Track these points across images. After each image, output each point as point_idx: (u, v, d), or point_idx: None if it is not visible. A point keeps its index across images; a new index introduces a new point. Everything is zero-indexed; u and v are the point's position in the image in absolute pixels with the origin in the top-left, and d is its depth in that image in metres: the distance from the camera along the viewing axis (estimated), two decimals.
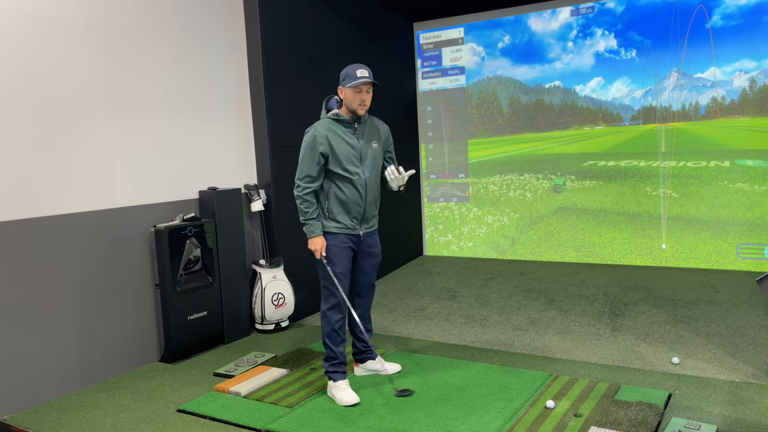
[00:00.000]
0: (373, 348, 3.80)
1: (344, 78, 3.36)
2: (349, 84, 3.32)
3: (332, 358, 3.48)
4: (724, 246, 5.93)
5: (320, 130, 3.37)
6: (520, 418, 3.10)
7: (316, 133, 3.36)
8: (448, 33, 7.14)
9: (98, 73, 3.93)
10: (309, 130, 3.41)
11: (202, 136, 4.63)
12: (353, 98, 3.34)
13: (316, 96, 5.46)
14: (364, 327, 3.65)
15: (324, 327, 3.49)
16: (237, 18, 4.91)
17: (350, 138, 3.40)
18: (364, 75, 3.32)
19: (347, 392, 3.41)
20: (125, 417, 3.38)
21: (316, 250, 3.38)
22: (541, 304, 5.15)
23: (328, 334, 3.48)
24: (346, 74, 3.36)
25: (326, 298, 3.47)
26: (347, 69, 3.38)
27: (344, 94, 3.37)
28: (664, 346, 4.03)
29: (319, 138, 3.34)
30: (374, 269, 3.65)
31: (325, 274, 3.42)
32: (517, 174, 6.93)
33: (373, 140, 3.50)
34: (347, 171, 3.38)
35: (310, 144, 3.35)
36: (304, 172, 3.36)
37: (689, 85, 5.97)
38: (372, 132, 3.51)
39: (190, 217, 4.35)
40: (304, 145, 3.38)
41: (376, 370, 3.78)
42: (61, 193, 3.74)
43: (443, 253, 7.41)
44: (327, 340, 3.48)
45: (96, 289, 3.91)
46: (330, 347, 3.47)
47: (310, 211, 3.37)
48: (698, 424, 2.90)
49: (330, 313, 3.46)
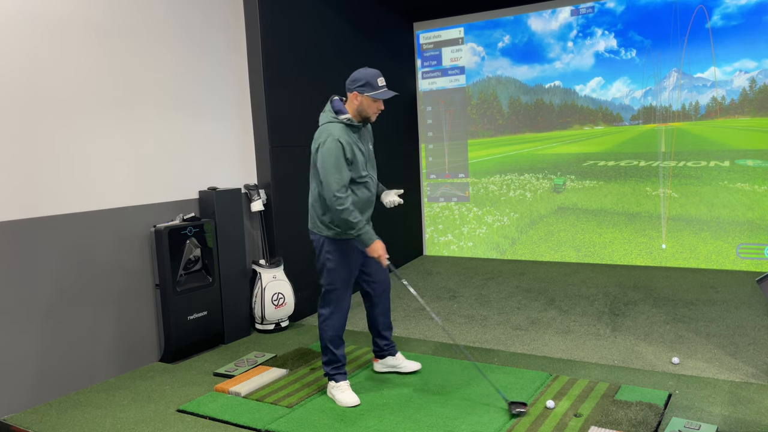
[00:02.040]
0: (394, 344, 3.80)
1: (363, 84, 3.21)
2: (369, 93, 3.22)
3: (334, 361, 3.45)
4: (724, 246, 5.93)
5: (342, 135, 3.21)
6: (520, 418, 3.10)
7: (340, 140, 3.19)
8: (448, 33, 7.14)
9: (98, 73, 3.93)
10: (326, 136, 3.22)
11: (203, 136, 4.63)
12: (370, 106, 3.26)
13: (315, 96, 5.48)
14: (385, 323, 3.67)
15: (326, 332, 3.42)
16: (237, 18, 4.91)
17: (361, 143, 3.33)
18: (384, 85, 3.26)
19: (348, 393, 3.40)
20: (125, 417, 3.38)
21: (381, 256, 3.26)
22: (541, 304, 5.15)
23: (330, 338, 3.42)
24: (365, 81, 3.22)
25: (329, 302, 3.41)
26: (365, 75, 3.23)
27: (359, 100, 3.24)
28: (664, 346, 4.03)
29: (345, 145, 3.20)
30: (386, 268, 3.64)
31: (333, 279, 3.36)
32: (517, 174, 6.94)
33: (369, 141, 3.49)
34: (361, 176, 3.32)
35: (338, 151, 3.17)
36: (342, 181, 3.18)
37: (689, 85, 5.97)
38: (367, 133, 3.48)
39: (190, 217, 4.35)
40: (331, 153, 3.17)
41: (396, 366, 3.77)
42: (61, 193, 3.74)
43: (443, 253, 7.41)
44: (329, 344, 3.42)
45: (96, 288, 3.91)
46: (332, 351, 3.43)
47: (360, 219, 3.21)
48: (698, 424, 2.90)
49: (333, 318, 3.41)
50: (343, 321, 3.46)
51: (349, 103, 3.30)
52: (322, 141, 3.23)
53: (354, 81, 3.26)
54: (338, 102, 3.35)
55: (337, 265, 3.36)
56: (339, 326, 3.43)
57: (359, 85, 3.23)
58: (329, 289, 3.40)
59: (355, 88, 3.25)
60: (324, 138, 3.23)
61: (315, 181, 3.37)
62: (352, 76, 3.28)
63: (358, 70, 3.29)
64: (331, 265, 3.36)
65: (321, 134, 3.27)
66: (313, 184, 3.40)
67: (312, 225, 3.46)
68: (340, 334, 3.46)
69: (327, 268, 3.38)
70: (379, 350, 3.77)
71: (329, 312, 3.42)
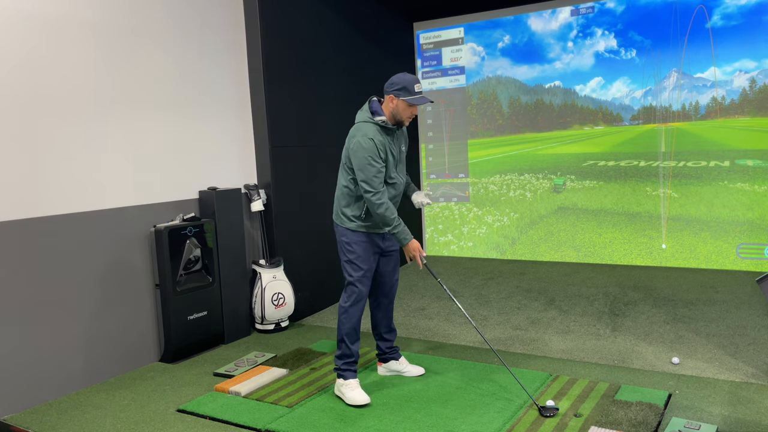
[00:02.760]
0: (397, 348, 3.80)
1: (400, 89, 3.27)
2: (406, 98, 3.26)
3: (347, 356, 3.45)
4: (724, 246, 5.93)
5: (377, 135, 3.27)
6: (520, 418, 3.10)
7: (374, 140, 3.25)
8: (448, 33, 7.14)
9: (98, 73, 3.93)
10: (361, 135, 3.27)
11: (202, 136, 4.63)
12: (405, 110, 3.31)
13: (315, 96, 5.50)
14: (387, 326, 3.69)
15: (344, 324, 3.44)
16: (237, 18, 4.91)
17: (393, 147, 3.38)
18: (421, 92, 3.31)
19: (358, 392, 3.38)
20: (125, 417, 3.38)
21: (416, 255, 3.34)
22: (541, 304, 5.15)
23: (347, 332, 3.43)
24: (402, 85, 3.27)
25: (350, 295, 3.44)
26: (402, 80, 3.29)
27: (395, 103, 3.29)
28: (664, 346, 4.03)
29: (379, 145, 3.25)
30: (397, 269, 3.66)
31: (353, 271, 3.39)
32: (517, 174, 6.94)
33: (402, 144, 3.51)
34: (390, 177, 3.37)
35: (374, 149, 3.24)
36: (379, 177, 3.24)
37: (689, 85, 5.97)
38: (401, 136, 3.51)
39: (190, 217, 4.35)
40: (367, 151, 3.23)
41: (399, 371, 3.77)
42: (61, 193, 3.74)
43: (443, 253, 7.41)
44: (346, 338, 3.44)
45: (96, 289, 3.91)
46: (347, 345, 3.44)
47: (396, 216, 3.27)
48: (698, 424, 2.90)
49: (352, 310, 3.43)
50: (360, 315, 3.47)
51: (385, 106, 3.35)
52: (357, 139, 3.29)
53: (392, 84, 3.31)
54: (376, 103, 3.40)
55: (356, 258, 3.40)
56: (357, 320, 3.45)
57: (396, 89, 3.29)
58: (350, 281, 3.44)
59: (392, 91, 3.30)
60: (359, 136, 3.28)
61: (343, 176, 3.44)
62: (391, 79, 3.34)
63: (397, 74, 3.34)
64: (352, 257, 3.41)
65: (356, 132, 3.33)
66: (342, 178, 3.45)
67: (335, 216, 3.52)
68: (357, 329, 3.47)
69: (347, 260, 3.43)
70: (382, 354, 3.77)
71: (348, 305, 3.44)
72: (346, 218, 3.43)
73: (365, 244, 3.42)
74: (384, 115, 3.34)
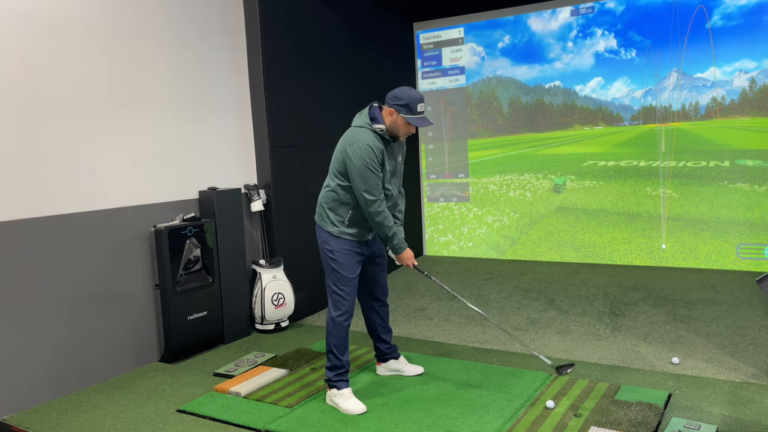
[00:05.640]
0: (396, 347, 3.78)
1: (403, 105, 3.19)
2: (407, 116, 3.19)
3: (338, 366, 3.36)
4: (724, 246, 5.93)
5: (375, 143, 3.18)
6: (520, 418, 3.10)
7: (373, 147, 3.16)
8: (448, 33, 7.14)
9: (98, 73, 3.93)
10: (359, 141, 3.18)
11: (202, 136, 4.63)
12: (403, 127, 3.24)
13: (315, 96, 5.50)
14: (384, 327, 3.66)
15: (333, 336, 3.34)
16: (237, 18, 4.91)
17: (388, 158, 3.31)
18: (423, 112, 3.24)
19: (353, 401, 3.31)
20: (125, 417, 3.38)
21: (409, 265, 3.37)
22: (541, 304, 5.15)
23: (336, 343, 3.34)
24: (405, 102, 3.19)
25: (336, 305, 3.33)
26: (408, 96, 3.20)
27: (394, 117, 3.21)
28: (664, 346, 4.03)
29: (377, 152, 3.18)
30: (385, 270, 3.62)
31: (336, 278, 3.30)
32: (517, 174, 6.94)
33: (399, 154, 3.45)
34: (385, 189, 3.30)
35: (372, 156, 3.15)
36: (378, 185, 3.18)
37: (689, 85, 5.97)
38: (398, 147, 3.44)
39: (190, 217, 4.35)
40: (364, 158, 3.14)
41: (398, 371, 3.75)
42: (61, 193, 3.74)
43: (443, 253, 7.41)
44: (335, 349, 3.34)
45: (96, 288, 3.91)
46: (337, 356, 3.35)
47: (393, 226, 3.24)
48: (698, 424, 2.90)
49: (340, 320, 3.32)
50: (349, 325, 3.37)
51: (385, 116, 3.26)
52: (354, 144, 3.18)
53: (395, 98, 3.22)
54: (376, 109, 3.31)
55: (340, 267, 3.31)
56: (345, 330, 3.35)
57: (399, 104, 3.20)
58: (335, 291, 3.33)
59: (394, 105, 3.22)
60: (357, 141, 3.18)
61: (331, 179, 3.33)
62: (395, 92, 3.24)
63: (402, 88, 3.25)
64: (335, 265, 3.32)
65: (354, 137, 3.22)
66: (331, 180, 3.34)
67: (318, 217, 3.42)
68: (346, 338, 3.37)
69: (331, 268, 3.34)
70: (381, 354, 3.75)
71: (337, 314, 3.33)
72: (329, 222, 3.33)
73: (349, 253, 3.32)
74: (383, 123, 3.25)
